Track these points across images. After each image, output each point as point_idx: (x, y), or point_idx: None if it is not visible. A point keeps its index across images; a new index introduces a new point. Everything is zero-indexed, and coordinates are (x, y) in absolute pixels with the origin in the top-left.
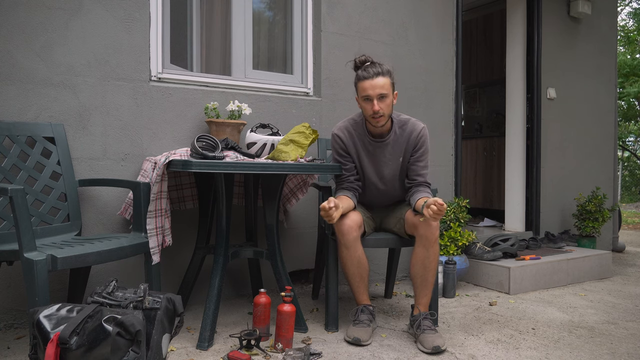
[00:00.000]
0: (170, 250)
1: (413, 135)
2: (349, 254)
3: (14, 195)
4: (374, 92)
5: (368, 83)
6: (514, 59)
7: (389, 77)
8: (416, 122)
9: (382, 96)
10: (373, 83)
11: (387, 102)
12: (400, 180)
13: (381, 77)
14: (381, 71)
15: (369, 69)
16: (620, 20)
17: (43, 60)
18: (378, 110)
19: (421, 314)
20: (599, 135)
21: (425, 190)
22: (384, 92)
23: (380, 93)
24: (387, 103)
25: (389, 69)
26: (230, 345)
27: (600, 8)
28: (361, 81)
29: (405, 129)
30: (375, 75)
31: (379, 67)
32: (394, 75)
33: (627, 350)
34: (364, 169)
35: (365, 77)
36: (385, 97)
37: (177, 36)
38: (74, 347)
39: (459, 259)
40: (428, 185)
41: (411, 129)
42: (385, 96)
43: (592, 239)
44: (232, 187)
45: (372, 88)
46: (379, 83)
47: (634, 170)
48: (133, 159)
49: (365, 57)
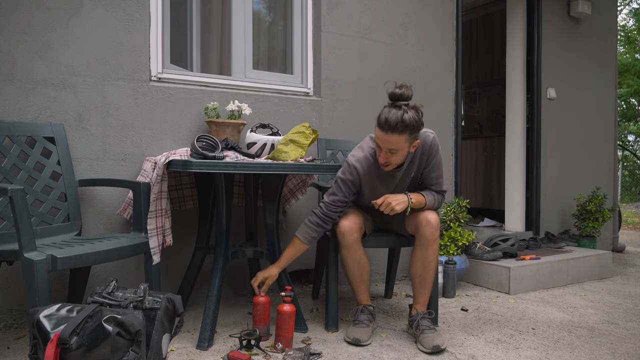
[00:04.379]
0: (170, 250)
1: (425, 148)
2: (349, 255)
3: (14, 195)
4: (384, 145)
5: (380, 134)
6: (514, 59)
7: (407, 134)
8: (426, 133)
9: (392, 151)
10: (385, 137)
11: (397, 155)
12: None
13: (395, 134)
14: (399, 128)
15: (390, 117)
16: (621, 19)
17: (43, 60)
18: (383, 163)
19: (419, 314)
20: (599, 135)
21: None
22: (395, 148)
23: (391, 149)
24: (397, 156)
25: (411, 122)
26: (230, 345)
27: (600, 8)
28: (377, 126)
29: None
30: (389, 131)
31: (401, 119)
32: (419, 126)
33: (627, 350)
34: (375, 191)
35: (381, 126)
36: (396, 152)
37: (177, 36)
38: (74, 347)
39: (459, 259)
40: (442, 192)
41: (422, 142)
42: (396, 151)
43: (592, 239)
44: (232, 187)
45: (383, 142)
46: (390, 140)
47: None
48: (133, 159)
49: (401, 92)
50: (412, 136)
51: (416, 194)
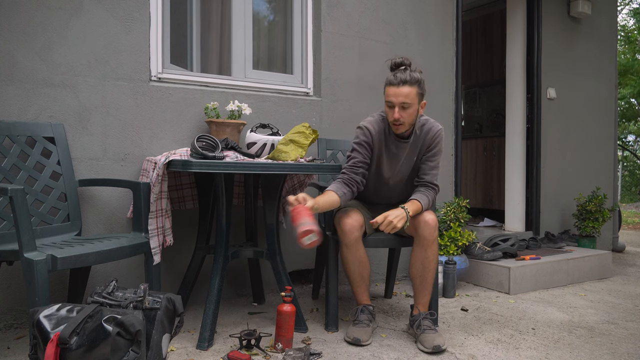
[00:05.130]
0: (170, 250)
1: (429, 136)
2: (350, 254)
3: (14, 195)
4: (396, 99)
5: (393, 90)
6: (514, 59)
7: (417, 87)
8: (434, 123)
9: (404, 105)
10: (397, 91)
11: (409, 112)
12: (409, 180)
13: (407, 86)
14: (409, 80)
15: (399, 74)
16: (621, 19)
17: (43, 60)
18: (398, 119)
19: (421, 314)
20: (599, 135)
21: (427, 192)
22: (408, 101)
23: (403, 102)
24: (409, 112)
25: (418, 78)
26: (230, 345)
27: (600, 8)
28: (387, 86)
29: (423, 129)
30: (401, 83)
31: (409, 74)
32: (424, 84)
33: (627, 350)
34: (381, 166)
35: (392, 82)
36: (408, 107)
37: (177, 36)
38: (74, 347)
39: (459, 259)
40: (433, 186)
41: (428, 129)
42: (408, 106)
43: (592, 239)
44: (232, 187)
45: (396, 95)
46: (403, 92)
47: (634, 170)
48: (133, 159)
49: (401, 60)
50: (420, 91)
51: (410, 202)
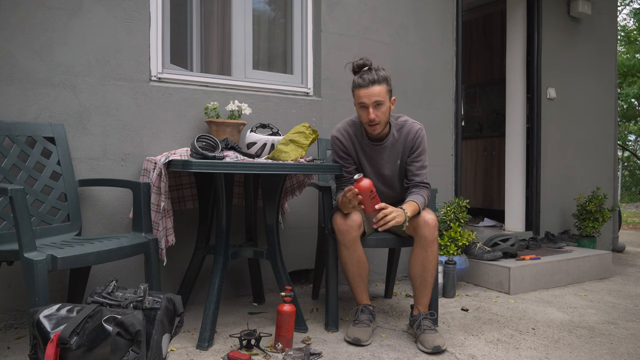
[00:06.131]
0: (170, 250)
1: (410, 137)
2: (348, 254)
3: (14, 195)
4: (369, 100)
5: (363, 91)
6: (514, 59)
7: (386, 85)
8: (413, 124)
9: (377, 104)
10: (368, 91)
11: (382, 110)
12: (399, 182)
13: (377, 85)
14: (377, 79)
15: (365, 75)
16: (621, 19)
17: (43, 60)
18: (374, 119)
19: (421, 314)
20: (599, 135)
21: (420, 191)
22: (380, 99)
23: (376, 101)
24: (382, 110)
25: (385, 75)
26: (230, 345)
27: (600, 8)
28: (357, 89)
29: (402, 131)
30: (370, 84)
31: (375, 74)
32: (391, 81)
33: (627, 350)
34: (363, 170)
35: (361, 85)
36: (381, 105)
37: (177, 36)
38: (74, 347)
39: (459, 259)
40: (425, 185)
41: (408, 131)
42: (381, 104)
43: (592, 239)
44: (232, 187)
45: (368, 96)
46: (374, 91)
47: (634, 170)
48: (133, 159)
49: (363, 61)
50: (389, 87)
51: (407, 203)
